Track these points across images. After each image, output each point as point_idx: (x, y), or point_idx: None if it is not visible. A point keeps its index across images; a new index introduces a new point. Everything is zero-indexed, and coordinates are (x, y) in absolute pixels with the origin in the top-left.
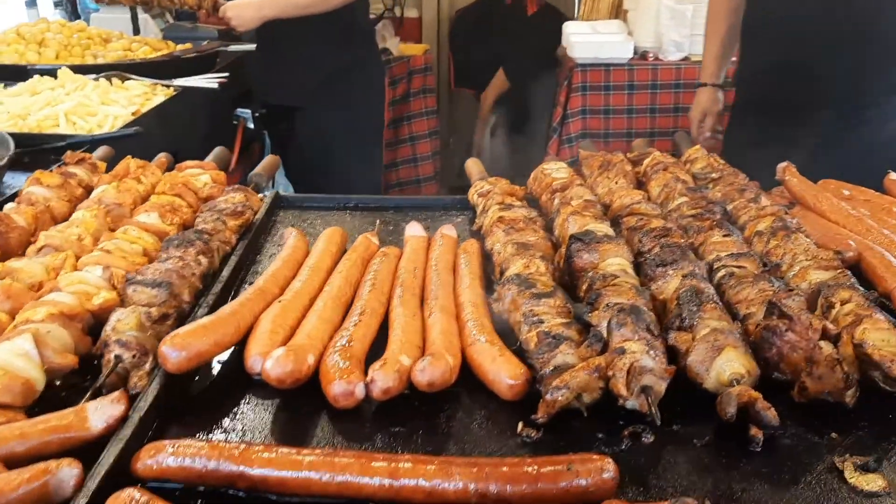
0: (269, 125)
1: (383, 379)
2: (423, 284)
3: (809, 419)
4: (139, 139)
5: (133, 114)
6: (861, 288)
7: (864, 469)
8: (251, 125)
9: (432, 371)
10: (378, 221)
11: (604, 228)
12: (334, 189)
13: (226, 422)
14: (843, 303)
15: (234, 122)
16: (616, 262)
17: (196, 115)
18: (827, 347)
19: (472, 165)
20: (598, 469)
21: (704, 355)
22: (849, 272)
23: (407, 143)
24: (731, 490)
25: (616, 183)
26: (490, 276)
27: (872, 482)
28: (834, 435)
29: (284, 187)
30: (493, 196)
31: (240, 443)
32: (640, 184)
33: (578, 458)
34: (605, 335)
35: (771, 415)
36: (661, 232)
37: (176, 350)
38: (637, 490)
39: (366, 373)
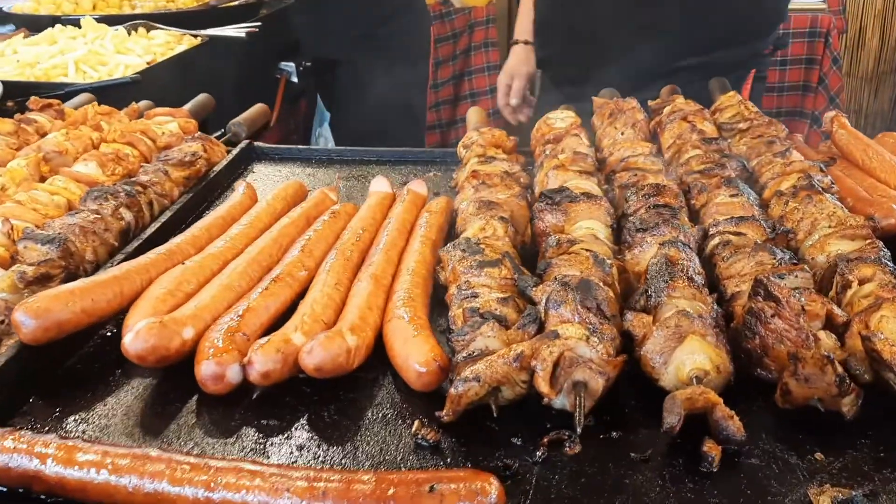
0: (317, 79)
1: (262, 361)
2: (367, 248)
3: (792, 433)
4: (154, 90)
5: (148, 63)
6: (891, 264)
7: None
8: (295, 79)
9: (322, 353)
10: (337, 175)
11: (587, 185)
12: (376, 145)
13: (80, 404)
14: (862, 282)
15: (277, 76)
16: (586, 225)
17: (227, 66)
18: (827, 339)
19: (472, 114)
20: (473, 492)
21: (663, 344)
22: (880, 244)
23: (467, 100)
24: None
25: (622, 134)
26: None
27: None
28: (819, 456)
29: (326, 142)
30: (474, 148)
31: (43, 436)
32: (656, 135)
33: (449, 476)
34: (541, 315)
35: (733, 427)
36: (652, 190)
37: (31, 317)
38: None
39: None
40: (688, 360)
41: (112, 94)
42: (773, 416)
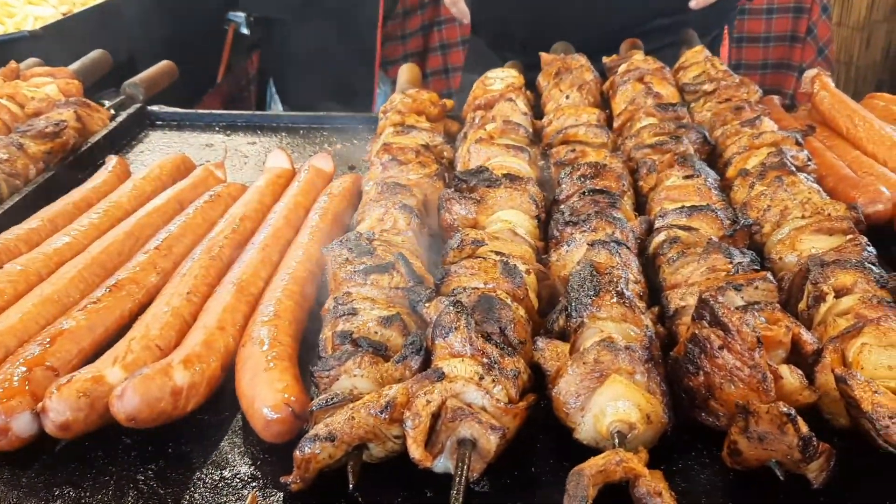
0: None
1: (60, 407)
2: (245, 242)
3: (743, 500)
4: (71, 43)
5: (64, 14)
6: (877, 269)
7: None
8: (245, 30)
9: (135, 399)
10: (226, 148)
11: (514, 164)
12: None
13: None
14: (839, 293)
15: (224, 28)
16: (504, 217)
17: (160, 16)
18: (791, 378)
19: (402, 72)
20: None
21: (579, 384)
22: (863, 241)
23: (437, 52)
24: None
25: (567, 97)
26: None
27: None
28: None
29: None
30: (391, 115)
31: None
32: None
33: None
34: (427, 343)
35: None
36: (589, 171)
37: None
38: None
39: None
40: (609, 407)
41: (4, 51)
42: (720, 479)
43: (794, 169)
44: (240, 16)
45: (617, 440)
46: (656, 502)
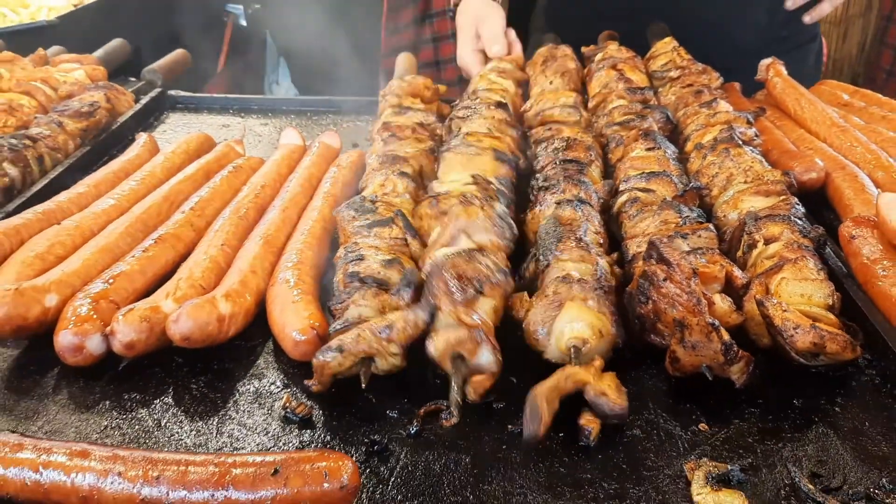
0: (271, 23)
1: (126, 330)
2: (266, 206)
3: (680, 402)
4: (79, 35)
5: (75, 5)
6: (802, 221)
7: (722, 481)
8: (244, 23)
9: (188, 322)
10: (244, 127)
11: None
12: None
13: None
14: (768, 241)
15: (224, 20)
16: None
17: (165, 9)
18: (722, 304)
19: (400, 60)
20: (319, 474)
21: (544, 314)
22: (794, 200)
23: (429, 45)
24: (524, 500)
25: (550, 83)
26: None
27: (726, 501)
28: (703, 426)
29: (287, 91)
30: (389, 98)
31: None
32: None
33: (296, 458)
34: (418, 279)
35: (608, 403)
36: (562, 144)
37: None
38: (388, 493)
39: None
40: (566, 328)
41: (26, 39)
42: (664, 385)
43: (741, 143)
44: (238, 8)
45: (573, 354)
46: (603, 400)
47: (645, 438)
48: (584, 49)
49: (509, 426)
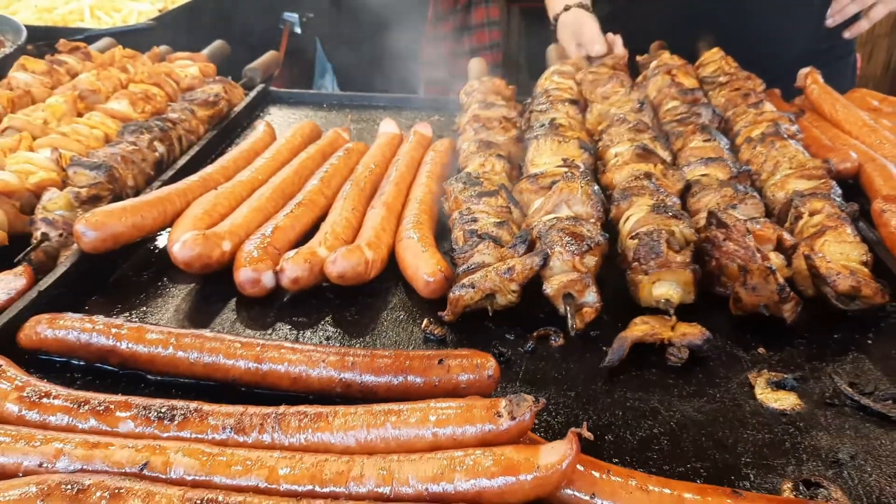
0: (320, 31)
1: (292, 268)
2: (378, 181)
3: (742, 334)
4: (166, 36)
5: (160, 10)
6: (838, 199)
7: (779, 386)
8: (298, 30)
9: (344, 263)
10: (349, 117)
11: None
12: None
13: (135, 302)
14: (812, 214)
15: (280, 27)
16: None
17: (233, 14)
18: (776, 259)
19: (474, 64)
20: (474, 366)
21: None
22: (833, 183)
23: (467, 56)
24: (625, 398)
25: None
26: None
27: (782, 400)
28: (761, 350)
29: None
30: (475, 94)
31: (115, 320)
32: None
33: (454, 354)
34: (531, 237)
35: (691, 340)
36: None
37: (91, 229)
38: (517, 390)
39: None
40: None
41: (129, 38)
42: (728, 322)
43: (785, 137)
44: (294, 16)
45: (664, 304)
46: (686, 341)
47: (715, 359)
48: (638, 58)
49: (604, 347)
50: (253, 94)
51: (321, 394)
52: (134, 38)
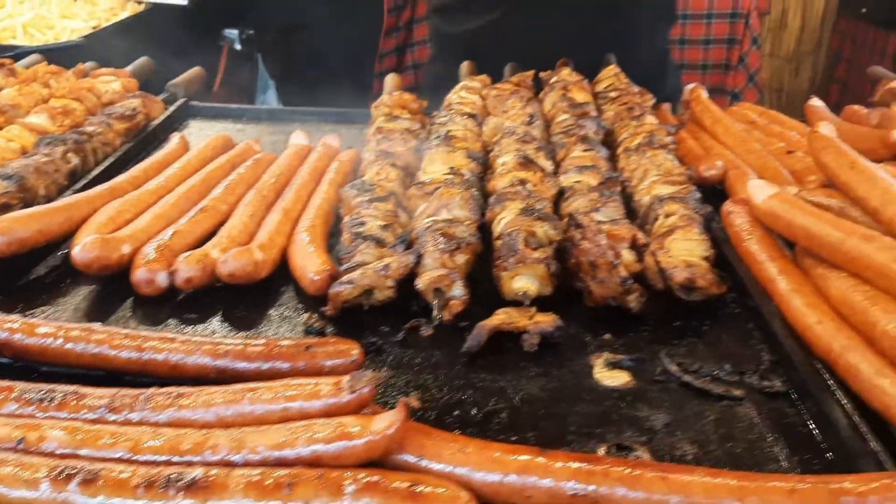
0: (263, 47)
1: (185, 269)
2: (281, 189)
3: (593, 323)
4: (99, 53)
5: (93, 28)
6: (695, 203)
7: (615, 366)
8: (238, 47)
9: (234, 263)
10: (258, 131)
11: None
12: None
13: (37, 302)
14: (668, 215)
15: (220, 44)
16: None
17: (170, 32)
18: (627, 255)
19: (389, 80)
20: (338, 352)
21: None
22: (693, 188)
23: (410, 71)
24: (478, 379)
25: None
26: None
27: (616, 378)
28: (607, 336)
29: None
30: (381, 108)
31: (10, 315)
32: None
33: (322, 342)
34: (410, 238)
35: (544, 328)
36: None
37: None
38: (384, 374)
39: None
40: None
41: (60, 55)
42: (584, 313)
43: (657, 146)
44: (233, 33)
45: (523, 297)
46: (540, 328)
47: (565, 344)
48: (542, 74)
49: (467, 336)
50: (172, 108)
51: (198, 380)
52: (67, 55)
